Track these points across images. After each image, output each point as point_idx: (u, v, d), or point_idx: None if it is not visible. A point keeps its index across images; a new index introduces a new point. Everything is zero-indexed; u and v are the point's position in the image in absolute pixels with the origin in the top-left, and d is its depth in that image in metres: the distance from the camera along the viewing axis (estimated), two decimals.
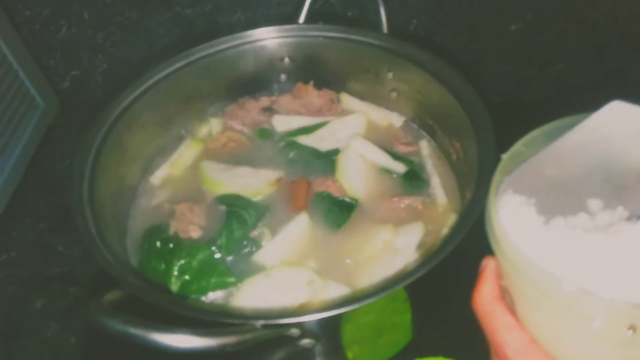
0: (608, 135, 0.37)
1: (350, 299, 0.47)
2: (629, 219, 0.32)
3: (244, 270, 0.58)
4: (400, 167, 0.67)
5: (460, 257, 0.48)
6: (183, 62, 0.69)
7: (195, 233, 0.61)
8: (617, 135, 0.37)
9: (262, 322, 0.44)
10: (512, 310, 0.35)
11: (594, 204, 0.33)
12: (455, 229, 0.50)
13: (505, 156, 0.37)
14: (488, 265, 0.37)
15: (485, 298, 0.36)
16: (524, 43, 0.88)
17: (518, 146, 0.38)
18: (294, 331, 0.46)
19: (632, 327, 0.29)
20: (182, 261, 0.57)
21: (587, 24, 0.84)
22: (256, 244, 0.60)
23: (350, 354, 0.54)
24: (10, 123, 0.81)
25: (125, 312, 0.41)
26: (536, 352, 0.34)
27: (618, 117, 0.37)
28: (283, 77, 0.74)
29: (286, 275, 0.57)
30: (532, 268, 0.32)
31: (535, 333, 0.34)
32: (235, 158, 0.69)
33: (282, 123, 0.73)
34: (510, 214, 0.34)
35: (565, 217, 0.32)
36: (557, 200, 0.34)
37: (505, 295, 0.36)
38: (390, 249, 0.58)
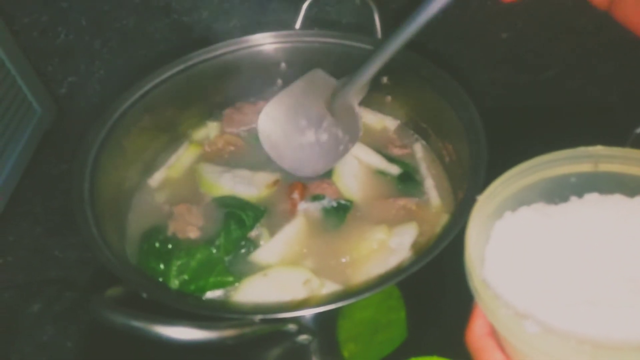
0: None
1: (345, 295, 0.48)
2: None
3: (242, 270, 0.59)
4: (394, 170, 0.68)
5: (452, 256, 0.49)
6: (181, 67, 0.69)
7: (193, 234, 0.61)
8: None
9: (260, 316, 0.45)
10: (501, 346, 0.36)
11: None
12: (447, 228, 0.51)
13: (480, 197, 0.37)
14: None
15: (476, 334, 0.37)
16: (515, 50, 0.90)
17: (494, 187, 0.37)
18: (291, 327, 0.46)
19: None
20: (181, 261, 0.58)
21: (576, 31, 0.87)
22: (254, 244, 0.61)
23: (346, 352, 0.55)
24: (8, 128, 0.81)
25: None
26: None
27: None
28: (279, 81, 0.75)
29: (283, 275, 0.57)
30: (498, 309, 0.32)
31: None
32: (232, 161, 0.70)
33: None
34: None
35: None
36: None
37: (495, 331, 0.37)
38: (385, 248, 0.59)
